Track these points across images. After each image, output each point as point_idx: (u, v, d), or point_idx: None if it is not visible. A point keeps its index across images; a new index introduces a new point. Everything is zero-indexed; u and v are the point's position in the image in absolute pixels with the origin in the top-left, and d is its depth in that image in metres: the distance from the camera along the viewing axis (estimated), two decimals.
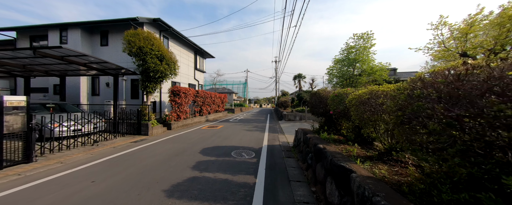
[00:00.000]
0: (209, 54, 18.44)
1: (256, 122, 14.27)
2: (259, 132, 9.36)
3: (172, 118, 9.87)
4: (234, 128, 10.67)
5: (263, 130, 10.07)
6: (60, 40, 10.43)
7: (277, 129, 10.58)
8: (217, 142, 6.85)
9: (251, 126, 11.70)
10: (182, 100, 10.37)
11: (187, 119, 11.52)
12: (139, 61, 7.68)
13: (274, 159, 4.96)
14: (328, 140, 4.09)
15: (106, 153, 5.39)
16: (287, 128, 10.56)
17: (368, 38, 13.22)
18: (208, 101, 15.06)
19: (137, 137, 7.71)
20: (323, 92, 4.70)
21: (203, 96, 13.74)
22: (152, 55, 7.64)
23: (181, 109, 10.42)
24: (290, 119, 15.14)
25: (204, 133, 8.84)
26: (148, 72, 7.78)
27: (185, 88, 10.69)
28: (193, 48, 16.16)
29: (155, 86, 8.33)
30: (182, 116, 10.64)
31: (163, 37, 12.13)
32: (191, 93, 11.46)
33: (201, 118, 13.72)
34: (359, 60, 13.13)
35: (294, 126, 11.33)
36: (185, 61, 15.10)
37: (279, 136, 8.29)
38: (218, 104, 18.01)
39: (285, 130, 9.86)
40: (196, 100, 12.75)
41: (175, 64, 8.89)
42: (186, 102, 11.01)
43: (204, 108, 14.24)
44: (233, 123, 12.98)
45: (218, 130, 9.68)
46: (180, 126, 10.56)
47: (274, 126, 11.72)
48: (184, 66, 14.97)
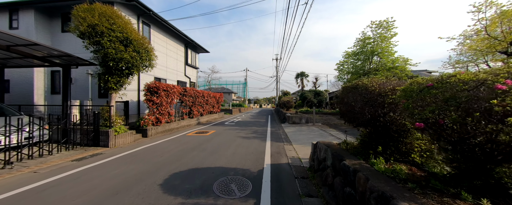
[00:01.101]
0: (203, 48, 16.36)
1: (256, 125, 12.19)
2: (258, 140, 7.27)
3: (149, 123, 7.78)
4: (228, 134, 8.58)
5: (263, 137, 7.98)
6: (9, 25, 8.35)
7: (281, 135, 8.50)
8: (199, 159, 4.76)
9: (249, 131, 9.61)
10: (162, 100, 8.28)
11: (171, 123, 9.44)
12: (93, 45, 5.58)
13: (284, 200, 2.88)
14: (395, 178, 2.03)
15: None
16: (294, 134, 8.48)
17: (388, 26, 11.16)
18: (200, 101, 12.98)
19: (91, 150, 5.62)
20: (374, 83, 2.62)
21: (193, 95, 11.65)
22: (111, 37, 5.55)
23: (161, 110, 8.33)
24: (295, 122, 13.07)
25: (187, 143, 6.75)
26: (106, 61, 5.69)
27: (166, 85, 8.60)
28: (183, 40, 14.08)
29: (121, 81, 6.23)
30: (163, 119, 8.54)
31: (143, 23, 10.04)
32: (175, 91, 9.37)
33: (191, 121, 11.63)
34: (377, 52, 11.04)
35: (301, 131, 9.25)
36: (172, 54, 13.02)
37: (285, 147, 6.21)
38: (213, 105, 15.93)
39: (292, 137, 7.78)
40: (183, 99, 10.66)
41: (149, 53, 6.80)
42: (169, 102, 8.92)
43: (194, 109, 12.15)
44: (228, 127, 10.89)
45: (207, 138, 7.58)
46: (160, 132, 8.47)
47: (277, 131, 9.64)
48: (171, 60, 12.89)
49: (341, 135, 8.20)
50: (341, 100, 3.49)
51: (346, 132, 5.19)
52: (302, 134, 8.56)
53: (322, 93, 25.52)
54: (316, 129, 10.00)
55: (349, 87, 3.19)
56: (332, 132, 9.07)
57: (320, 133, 8.85)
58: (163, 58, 11.90)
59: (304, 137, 7.99)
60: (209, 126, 11.33)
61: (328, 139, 7.49)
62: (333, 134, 8.45)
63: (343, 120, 3.50)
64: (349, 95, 3.08)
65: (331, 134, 8.47)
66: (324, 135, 8.18)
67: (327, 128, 10.37)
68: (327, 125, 11.85)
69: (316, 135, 8.32)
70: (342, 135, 8.13)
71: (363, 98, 2.74)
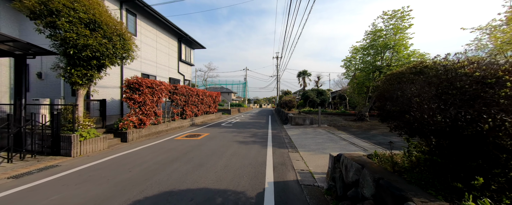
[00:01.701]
0: (198, 43, 15.18)
1: (255, 126, 11.02)
2: (258, 146, 6.11)
3: (129, 125, 6.61)
4: (223, 138, 7.41)
5: (264, 141, 6.81)
6: None
7: (284, 139, 7.34)
8: (178, 176, 3.59)
9: (248, 134, 8.44)
10: (146, 98, 7.11)
11: (159, 125, 8.26)
12: (47, 28, 4.40)
13: None
14: None
15: None
16: (299, 138, 7.31)
17: (403, 16, 9.99)
18: (194, 100, 11.80)
19: (46, 160, 4.45)
20: (471, 62, 1.47)
21: (185, 94, 10.47)
22: (72, 18, 4.37)
23: (145, 110, 7.16)
24: (298, 123, 11.91)
25: (171, 150, 5.58)
26: (66, 49, 4.51)
27: (151, 81, 7.42)
28: (176, 33, 12.90)
29: (88, 75, 5.05)
30: (148, 120, 7.37)
31: (127, 11, 8.86)
32: (163, 89, 8.20)
33: (183, 122, 10.47)
34: (390, 46, 9.85)
35: (307, 134, 8.08)
36: (163, 49, 11.84)
37: (291, 156, 5.04)
38: (209, 104, 14.76)
39: (298, 142, 6.61)
40: (174, 98, 9.48)
41: (127, 42, 5.63)
42: (155, 100, 7.75)
43: (187, 109, 10.98)
44: (224, 129, 9.72)
45: (197, 143, 6.42)
46: (144, 136, 7.29)
47: (279, 134, 8.47)
48: (162, 55, 11.72)
49: (355, 139, 7.03)
50: (380, 95, 2.32)
51: (419, 145, 4.03)
52: (308, 138, 7.39)
53: (325, 92, 24.38)
54: (323, 132, 8.83)
55: (406, 72, 2.01)
56: (343, 135, 7.90)
57: (329, 136, 7.69)
58: (152, 53, 10.73)
59: (311, 141, 6.83)
60: (203, 128, 10.16)
61: (339, 144, 6.33)
62: (344, 137, 7.28)
63: (386, 124, 2.32)
64: (404, 87, 1.90)
65: (342, 137, 7.30)
66: (334, 139, 7.01)
67: (335, 131, 9.20)
68: (334, 127, 10.69)
69: (325, 139, 7.16)
70: (356, 139, 6.95)
71: (444, 89, 1.56)
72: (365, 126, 10.81)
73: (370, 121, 12.82)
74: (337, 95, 26.85)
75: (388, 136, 7.87)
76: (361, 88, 12.77)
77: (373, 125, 11.16)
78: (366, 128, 10.06)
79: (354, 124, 11.73)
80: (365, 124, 11.43)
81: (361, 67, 12.00)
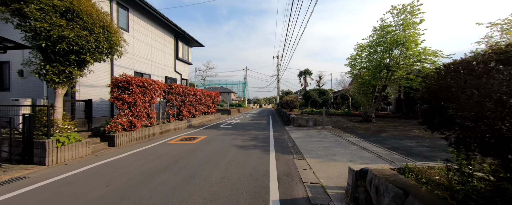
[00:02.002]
0: (196, 41, 14.56)
1: (256, 128, 10.41)
2: (259, 151, 5.49)
3: (117, 128, 6.00)
4: (221, 141, 6.80)
5: (266, 145, 6.20)
6: None
7: (287, 142, 6.72)
8: (163, 193, 2.98)
9: (248, 137, 7.83)
10: (136, 98, 6.50)
11: (152, 127, 7.65)
12: (15, 16, 3.79)
13: None
14: None
15: None
16: (304, 142, 6.69)
17: (413, 11, 9.36)
18: (191, 100, 11.19)
19: (15, 170, 3.84)
20: None
21: (181, 93, 9.86)
22: (43, 5, 3.76)
23: (135, 112, 6.55)
24: (301, 124, 11.30)
25: (161, 156, 4.97)
26: (38, 42, 3.90)
27: (142, 79, 6.81)
28: (172, 30, 12.28)
29: (66, 72, 4.43)
30: (139, 122, 6.76)
31: (118, 5, 8.24)
32: (156, 88, 7.58)
33: (180, 123, 9.86)
34: (401, 42, 9.21)
35: (312, 137, 7.46)
36: (159, 46, 11.23)
37: (297, 164, 4.43)
38: (207, 105, 14.15)
39: (303, 147, 5.99)
40: (169, 98, 8.87)
41: (112, 35, 5.01)
42: (147, 100, 7.14)
43: (184, 110, 10.37)
44: (223, 131, 9.11)
45: (192, 148, 5.80)
46: (135, 140, 6.68)
47: (282, 137, 7.86)
48: (158, 53, 11.10)
49: (365, 143, 6.40)
50: (431, 94, 1.70)
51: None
52: (314, 142, 6.78)
53: (327, 92, 23.76)
54: (329, 134, 8.22)
55: (486, 59, 1.38)
56: (351, 138, 7.28)
57: (336, 140, 7.07)
58: (146, 50, 10.12)
59: (317, 145, 6.22)
60: (201, 130, 9.55)
61: (349, 149, 5.72)
62: (353, 141, 6.66)
63: (441, 135, 1.69)
64: (483, 82, 1.27)
65: (350, 141, 6.69)
66: (342, 143, 6.40)
67: (341, 133, 8.59)
68: (339, 129, 10.08)
69: (332, 143, 6.54)
70: (366, 143, 6.31)
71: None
72: (372, 128, 10.20)
73: (377, 122, 12.20)
74: (339, 95, 26.24)
75: (401, 139, 7.26)
76: (366, 87, 12.15)
77: (381, 127, 10.55)
78: (374, 130, 9.44)
79: (360, 125, 11.12)
80: (372, 126, 10.81)
81: (367, 66, 11.38)
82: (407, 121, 13.41)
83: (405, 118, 14.87)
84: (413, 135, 8.01)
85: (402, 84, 10.17)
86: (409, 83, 10.53)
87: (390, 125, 11.29)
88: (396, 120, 13.95)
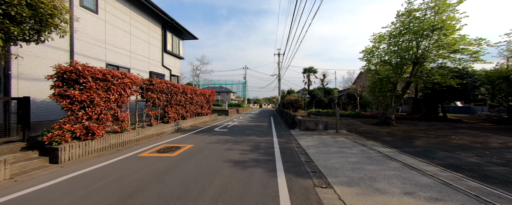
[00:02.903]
0: (189, 32, 12.85)
1: (256, 132, 8.68)
2: (262, 172, 3.78)
3: (64, 137, 4.28)
4: (210, 154, 5.08)
5: (270, 160, 4.48)
6: None
7: (298, 155, 4.99)
8: None
9: (247, 145, 6.10)
10: (94, 96, 4.77)
11: (123, 133, 5.94)
12: None
13: None
14: None
15: None
16: (321, 154, 4.95)
17: None
18: (180, 100, 9.48)
19: None
20: None
21: (165, 91, 8.14)
22: None
23: (93, 114, 4.83)
24: (309, 128, 9.61)
25: (111, 185, 3.26)
26: None
27: (104, 71, 5.09)
28: (159, 18, 10.57)
29: None
30: (100, 129, 5.04)
31: None
32: (128, 83, 5.87)
33: (165, 127, 8.14)
34: (438, 27, 7.45)
35: (328, 146, 5.69)
36: (142, 35, 9.52)
37: (322, 198, 2.73)
38: (201, 105, 12.43)
39: (321, 162, 4.27)
40: (149, 96, 7.16)
41: (45, 4, 3.29)
42: (114, 100, 5.42)
43: (170, 111, 8.66)
44: (215, 137, 7.39)
45: (166, 168, 4.08)
46: (95, 151, 4.96)
47: (289, 145, 6.15)
48: (140, 43, 9.39)
49: (404, 156, 4.65)
50: None
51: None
52: (333, 154, 5.06)
53: (332, 91, 22.08)
54: (349, 142, 6.51)
55: None
56: (380, 148, 5.57)
57: (362, 151, 5.36)
58: (124, 39, 8.41)
59: (341, 160, 4.51)
60: (190, 135, 7.83)
61: (388, 167, 4.01)
62: (386, 153, 4.93)
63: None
64: None
65: (382, 153, 4.96)
66: (374, 157, 4.68)
67: (363, 140, 6.90)
68: (356, 133, 8.38)
69: (360, 156, 4.82)
70: (406, 157, 4.55)
71: None
72: (397, 132, 8.50)
73: (398, 125, 10.50)
74: (345, 94, 24.54)
75: (450, 151, 5.54)
76: (385, 84, 10.45)
77: (406, 131, 8.84)
78: (401, 136, 7.74)
79: (379, 129, 9.42)
80: (395, 130, 9.11)
81: (388, 59, 9.67)
82: (431, 124, 11.72)
83: (426, 120, 13.20)
84: (458, 144, 6.32)
85: (435, 80, 8.48)
86: (438, 79, 8.80)
87: (415, 129, 9.59)
88: (416, 122, 12.26)
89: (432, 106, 13.93)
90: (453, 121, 12.89)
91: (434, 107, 13.86)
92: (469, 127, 10.51)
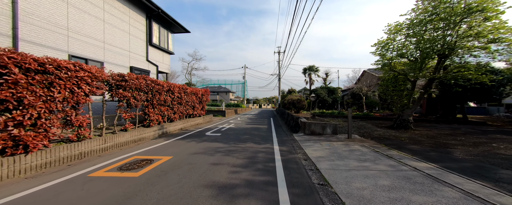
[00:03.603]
0: (180, 25, 11.49)
1: (253, 137, 7.31)
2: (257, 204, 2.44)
3: None
4: (187, 173, 3.73)
5: (270, 182, 3.13)
6: None
7: (307, 172, 3.64)
8: None
9: (240, 157, 4.73)
10: (21, 94, 3.43)
11: (82, 142, 4.60)
12: None
13: None
14: None
15: None
16: (337, 172, 3.60)
17: None
18: (165, 100, 8.14)
19: None
20: None
21: (144, 88, 6.81)
22: None
23: (23, 117, 3.48)
24: (315, 132, 8.30)
25: None
26: None
27: (42, 60, 3.74)
28: (142, 6, 9.23)
29: None
30: (36, 140, 3.70)
31: None
32: (86, 77, 4.52)
33: (145, 132, 6.80)
34: (477, 9, 6.04)
35: (343, 159, 4.30)
36: (120, 24, 8.18)
37: None
38: (192, 105, 11.08)
39: (343, 188, 2.91)
40: (121, 95, 5.81)
41: None
42: (61, 99, 4.08)
43: (151, 112, 7.32)
44: (203, 145, 6.04)
45: (112, 202, 2.75)
46: (34, 169, 3.62)
47: (294, 156, 4.79)
48: (118, 33, 8.05)
49: (460, 179, 3.25)
50: None
51: None
52: (354, 171, 3.72)
53: (336, 90, 20.74)
54: (368, 152, 5.17)
55: None
56: (416, 163, 4.21)
57: (392, 166, 4.02)
58: (95, 26, 7.06)
59: (369, 183, 3.17)
60: (173, 142, 6.49)
61: (444, 194, 2.64)
62: (428, 172, 3.58)
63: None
64: None
65: (422, 171, 3.60)
66: (415, 180, 3.33)
67: (383, 148, 5.57)
68: (371, 139, 7.06)
69: (393, 176, 3.47)
70: (466, 181, 3.09)
71: None
72: (421, 139, 7.16)
73: (418, 129, 9.16)
74: (349, 93, 23.20)
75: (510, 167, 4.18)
76: (402, 82, 9.13)
77: (432, 137, 7.50)
78: (430, 144, 6.40)
79: (397, 134, 8.09)
80: (417, 135, 7.78)
81: (407, 52, 8.33)
82: (453, 127, 10.38)
83: (444, 122, 11.85)
84: (511, 155, 4.97)
85: (470, 75, 7.08)
86: (473, 75, 7.38)
87: (440, 133, 8.24)
88: (435, 125, 10.91)
89: (450, 107, 12.60)
90: (476, 124, 11.52)
91: (451, 107, 12.54)
92: (500, 131, 9.17)
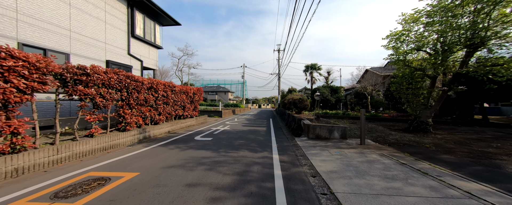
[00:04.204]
0: (169, 16, 10.33)
1: (249, 143, 6.13)
2: None
3: None
4: (149, 203, 2.59)
5: None
6: None
7: (320, 203, 2.52)
8: None
9: (229, 173, 3.56)
10: None
11: (18, 155, 3.45)
12: None
13: None
14: None
15: None
16: (361, 195, 2.50)
17: None
18: (145, 99, 6.99)
19: None
20: None
21: (115, 85, 5.65)
22: None
23: None
24: (321, 136, 7.18)
25: None
26: None
27: None
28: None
29: None
30: None
31: None
32: (17, 68, 3.37)
33: (121, 137, 5.64)
34: None
35: (362, 176, 3.02)
36: (92, 10, 7.02)
37: None
38: (182, 105, 9.93)
39: None
40: (81, 92, 4.65)
41: None
42: None
43: (128, 114, 6.17)
44: (186, 155, 4.87)
45: None
46: None
47: (299, 170, 3.60)
48: (90, 20, 6.90)
49: None
50: None
51: None
52: (383, 195, 2.55)
53: (339, 89, 19.62)
54: (391, 164, 4.01)
55: None
56: (462, 183, 3.04)
57: (433, 188, 2.84)
58: (55, 9, 5.91)
59: None
60: (151, 150, 5.32)
61: None
62: (482, 200, 2.45)
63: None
64: None
65: (490, 203, 2.47)
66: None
67: (408, 158, 4.43)
68: (388, 145, 5.92)
69: (435, 201, 2.32)
70: None
71: None
72: (449, 145, 6.02)
73: (437, 132, 8.02)
74: (353, 92, 22.07)
75: None
76: (419, 79, 8.00)
77: (460, 143, 6.36)
78: (464, 152, 5.26)
79: (416, 138, 6.95)
80: (441, 140, 6.63)
81: (431, 43, 7.18)
82: (475, 130, 9.24)
83: (464, 124, 10.70)
84: None
85: (506, 71, 5.96)
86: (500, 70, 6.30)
87: (467, 138, 7.10)
88: (454, 127, 9.78)
89: (467, 107, 11.48)
90: (500, 126, 10.31)
91: (469, 108, 11.42)
92: None
